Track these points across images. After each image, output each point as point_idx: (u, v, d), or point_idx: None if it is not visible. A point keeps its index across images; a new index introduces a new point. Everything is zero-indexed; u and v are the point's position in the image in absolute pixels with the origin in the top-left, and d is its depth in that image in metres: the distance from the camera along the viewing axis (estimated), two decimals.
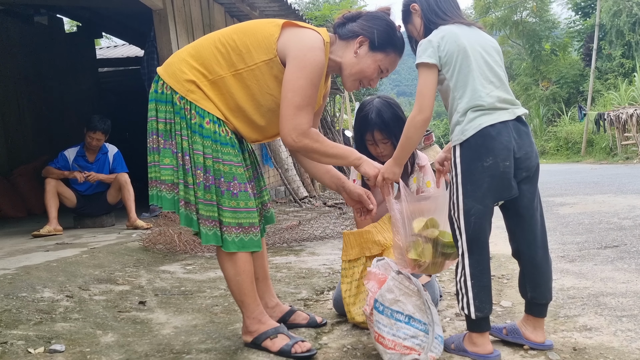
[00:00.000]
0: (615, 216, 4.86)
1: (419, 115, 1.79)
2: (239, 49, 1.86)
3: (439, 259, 1.88)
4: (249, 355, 1.89)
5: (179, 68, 1.87)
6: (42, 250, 3.62)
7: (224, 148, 1.85)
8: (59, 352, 1.89)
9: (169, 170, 1.86)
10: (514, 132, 1.78)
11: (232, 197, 1.85)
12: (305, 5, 20.53)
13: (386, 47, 1.94)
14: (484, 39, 1.87)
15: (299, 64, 1.80)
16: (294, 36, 1.85)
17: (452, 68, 1.79)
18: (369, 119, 2.29)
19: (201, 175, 1.83)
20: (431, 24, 1.87)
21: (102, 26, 9.45)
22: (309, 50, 1.81)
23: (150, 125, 1.90)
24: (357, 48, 1.93)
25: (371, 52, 1.93)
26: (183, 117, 1.84)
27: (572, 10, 27.32)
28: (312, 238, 4.51)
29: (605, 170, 12.02)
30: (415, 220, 1.89)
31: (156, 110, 1.89)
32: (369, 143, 2.35)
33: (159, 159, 1.87)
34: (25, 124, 7.78)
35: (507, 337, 1.91)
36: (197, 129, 1.83)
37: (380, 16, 1.97)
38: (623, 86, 19.72)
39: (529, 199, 1.83)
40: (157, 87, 1.90)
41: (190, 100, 1.84)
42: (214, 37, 1.92)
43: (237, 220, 1.85)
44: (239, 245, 1.86)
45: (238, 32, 1.89)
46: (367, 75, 1.96)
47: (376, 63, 1.94)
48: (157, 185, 1.88)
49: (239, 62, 1.85)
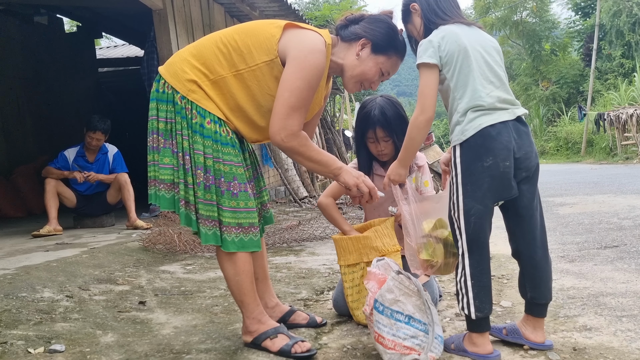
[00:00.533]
0: (615, 216, 4.86)
1: (422, 115, 1.79)
2: (240, 49, 1.86)
3: (450, 259, 1.89)
4: (249, 355, 1.89)
5: (181, 67, 1.87)
6: (42, 250, 3.62)
7: (225, 148, 1.85)
8: (58, 352, 1.89)
9: (169, 169, 1.86)
10: (514, 132, 1.78)
11: (232, 197, 1.85)
12: (305, 6, 20.53)
13: (388, 50, 1.95)
14: (484, 39, 1.87)
15: (299, 65, 1.79)
16: (295, 37, 1.85)
17: (453, 68, 1.79)
18: (372, 115, 2.28)
19: (201, 175, 1.83)
20: (431, 23, 1.87)
21: (102, 26, 9.45)
22: (309, 52, 1.80)
23: (151, 125, 1.90)
24: (359, 50, 1.93)
25: (373, 54, 1.94)
26: (184, 117, 1.84)
27: (572, 11, 27.33)
28: (312, 238, 4.51)
29: (605, 171, 12.02)
30: (425, 221, 1.91)
31: (157, 109, 1.89)
32: (370, 141, 2.35)
33: (158, 158, 1.88)
34: (25, 124, 7.78)
35: (507, 338, 1.91)
36: (198, 129, 1.83)
37: (382, 19, 1.98)
38: (623, 86, 19.73)
39: (529, 199, 1.83)
40: (158, 87, 1.90)
41: (191, 100, 1.84)
42: (216, 37, 1.92)
43: (237, 220, 1.85)
44: (239, 245, 1.86)
45: (240, 33, 1.89)
46: (369, 78, 1.97)
47: (378, 66, 1.95)
48: (155, 185, 1.88)
49: (240, 62, 1.85)
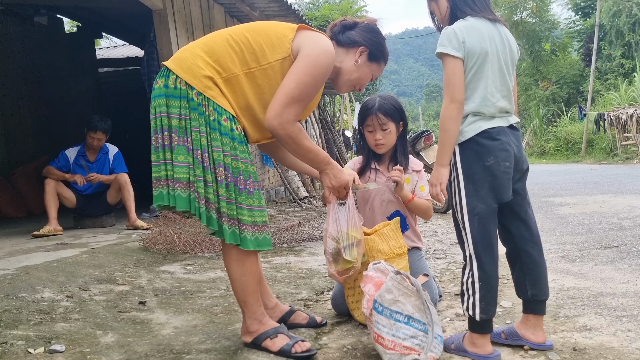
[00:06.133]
0: (615, 216, 4.86)
1: (452, 104, 1.77)
2: (252, 48, 1.86)
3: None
4: (249, 356, 1.89)
5: (195, 63, 1.83)
6: (42, 251, 3.62)
7: (240, 146, 1.84)
8: (59, 352, 1.89)
9: (184, 167, 1.80)
10: (511, 135, 1.83)
11: (249, 195, 1.84)
12: (305, 6, 20.52)
13: (380, 59, 2.10)
14: (504, 43, 1.85)
15: (310, 62, 1.83)
16: (309, 38, 1.89)
17: (469, 69, 1.79)
18: (372, 104, 2.43)
19: (222, 172, 1.80)
20: (459, 12, 1.84)
21: (102, 26, 9.45)
22: (322, 52, 1.85)
23: (160, 122, 1.83)
24: (358, 57, 2.03)
25: (369, 62, 2.06)
26: (202, 114, 1.80)
27: (572, 11, 27.33)
28: (312, 238, 4.51)
29: (605, 171, 12.02)
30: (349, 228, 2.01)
31: (167, 105, 1.82)
32: (369, 129, 2.44)
33: (171, 156, 1.81)
34: (25, 125, 7.78)
35: (507, 341, 1.91)
36: (216, 126, 1.80)
37: (377, 30, 2.10)
38: (623, 86, 19.72)
39: (522, 196, 1.88)
40: (167, 82, 1.83)
41: (208, 97, 1.80)
42: (225, 34, 1.90)
43: (253, 218, 1.85)
44: (255, 244, 1.85)
45: (251, 31, 1.90)
46: (363, 82, 2.11)
47: (371, 72, 2.10)
48: (169, 184, 1.81)
49: (252, 60, 1.86)
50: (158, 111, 1.84)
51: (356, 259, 2.00)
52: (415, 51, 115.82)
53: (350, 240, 2.00)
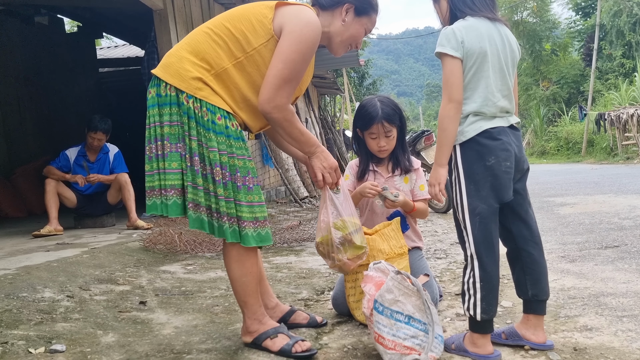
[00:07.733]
0: (616, 216, 4.86)
1: (450, 103, 1.77)
2: (235, 37, 1.84)
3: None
4: (250, 355, 1.89)
5: (182, 67, 1.82)
6: (43, 251, 3.62)
7: (237, 142, 1.83)
8: (59, 352, 1.89)
9: (177, 174, 1.81)
10: (511, 135, 1.83)
11: (249, 192, 1.84)
12: None
13: (369, 11, 2.03)
14: (504, 44, 1.84)
15: (295, 39, 1.80)
16: (289, 13, 1.86)
17: (468, 69, 1.79)
18: (374, 111, 2.38)
19: (219, 172, 1.80)
20: (459, 12, 1.85)
21: (102, 26, 9.45)
22: (305, 25, 1.82)
23: (153, 132, 1.84)
24: (344, 16, 1.98)
25: (357, 17, 2.00)
26: (192, 117, 1.80)
27: (573, 11, 27.33)
28: (313, 238, 4.50)
29: (605, 171, 12.01)
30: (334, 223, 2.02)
31: (159, 114, 1.83)
32: (373, 137, 2.41)
33: (164, 165, 1.82)
34: (26, 124, 7.78)
35: (507, 341, 1.91)
36: (210, 126, 1.80)
37: None
38: (623, 86, 19.72)
39: (522, 196, 1.88)
40: (159, 91, 1.84)
41: (199, 98, 1.80)
42: (205, 29, 1.89)
43: (254, 214, 1.85)
44: (257, 239, 1.85)
45: (230, 20, 1.88)
46: (357, 40, 2.06)
47: (363, 27, 2.04)
48: (162, 193, 1.82)
49: (237, 50, 1.84)
50: (152, 121, 1.85)
51: (365, 243, 2.04)
52: (415, 51, 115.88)
53: (354, 227, 2.02)
